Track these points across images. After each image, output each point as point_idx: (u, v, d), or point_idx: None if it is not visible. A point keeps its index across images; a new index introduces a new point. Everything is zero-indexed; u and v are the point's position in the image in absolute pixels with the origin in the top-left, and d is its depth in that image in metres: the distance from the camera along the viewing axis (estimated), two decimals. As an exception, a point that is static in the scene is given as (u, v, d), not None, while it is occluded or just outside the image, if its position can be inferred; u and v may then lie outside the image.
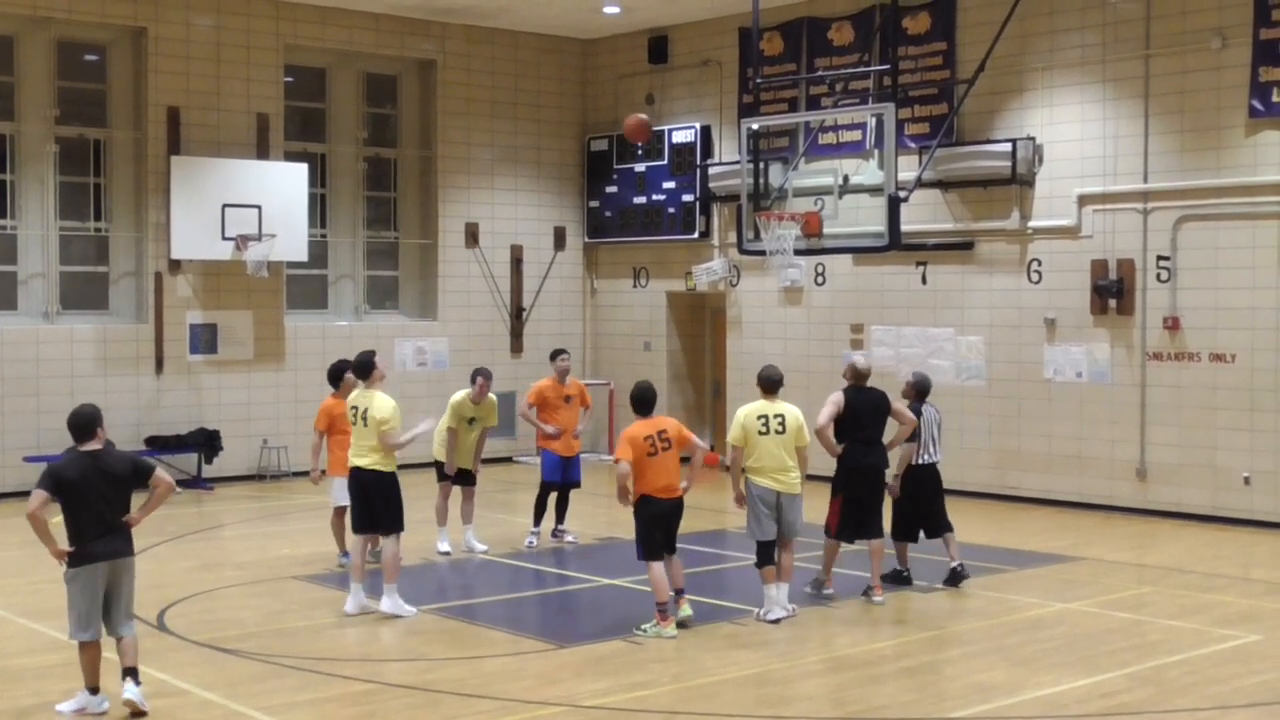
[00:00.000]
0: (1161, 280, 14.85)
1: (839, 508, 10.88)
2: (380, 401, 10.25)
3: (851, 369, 11.11)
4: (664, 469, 9.86)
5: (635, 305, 20.12)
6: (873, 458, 10.90)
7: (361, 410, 10.30)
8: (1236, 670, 8.89)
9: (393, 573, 10.24)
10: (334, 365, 12.15)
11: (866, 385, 11.05)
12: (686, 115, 19.29)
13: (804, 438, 10.23)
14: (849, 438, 10.79)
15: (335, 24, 18.41)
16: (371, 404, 10.26)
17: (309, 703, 8.19)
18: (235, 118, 17.57)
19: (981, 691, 8.41)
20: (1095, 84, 15.39)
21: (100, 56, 17.38)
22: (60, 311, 16.88)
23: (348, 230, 19.09)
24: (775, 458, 10.08)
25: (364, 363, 10.58)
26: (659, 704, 8.13)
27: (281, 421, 17.90)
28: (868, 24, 17.08)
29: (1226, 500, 14.47)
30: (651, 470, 9.81)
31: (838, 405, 10.80)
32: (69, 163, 17.04)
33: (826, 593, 10.88)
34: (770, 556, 10.13)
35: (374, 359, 10.60)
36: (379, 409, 10.20)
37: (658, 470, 9.83)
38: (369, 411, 10.23)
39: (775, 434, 10.11)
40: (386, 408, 10.21)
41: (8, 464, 16.10)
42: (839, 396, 10.86)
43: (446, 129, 19.40)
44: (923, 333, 16.80)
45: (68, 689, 8.11)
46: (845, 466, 10.85)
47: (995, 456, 16.22)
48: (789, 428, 10.14)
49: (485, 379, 12.58)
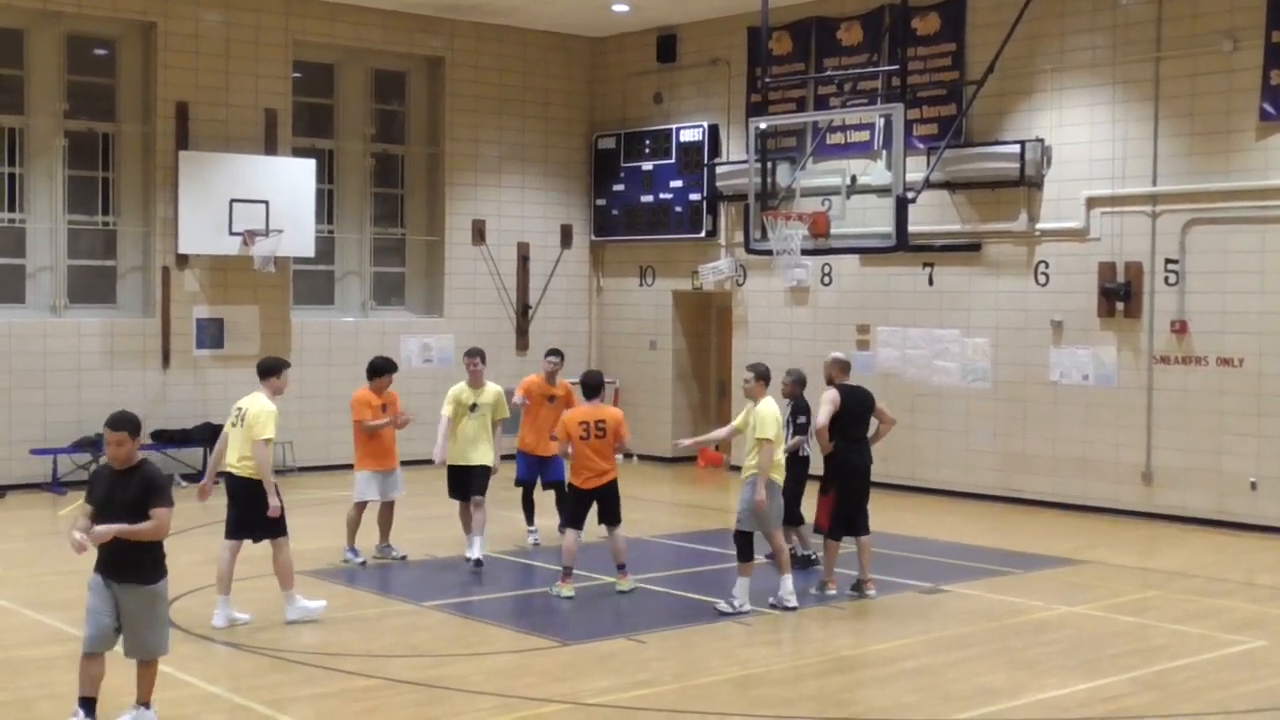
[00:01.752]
0: (1169, 284, 14.82)
1: (831, 505, 10.93)
2: (263, 405, 9.88)
3: (839, 365, 11.13)
4: (589, 457, 10.46)
5: (641, 304, 20.12)
6: (861, 455, 10.98)
7: (242, 413, 9.90)
8: (1241, 676, 8.87)
9: (288, 579, 9.93)
10: (375, 361, 12.13)
11: (851, 383, 11.12)
12: (694, 114, 19.28)
13: (764, 430, 10.26)
14: (839, 436, 10.87)
15: (344, 20, 18.42)
16: (250, 406, 9.89)
17: (312, 697, 8.19)
18: (244, 113, 17.58)
19: (984, 694, 8.40)
20: (1105, 86, 15.36)
21: (110, 51, 17.40)
22: (68, 305, 16.91)
23: (355, 226, 19.10)
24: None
25: (266, 367, 10.28)
26: (661, 702, 8.12)
27: (287, 416, 17.68)
28: (877, 24, 17.06)
29: (1232, 505, 14.43)
30: (579, 457, 10.49)
31: (835, 404, 10.84)
32: (78, 157, 17.07)
33: (829, 594, 10.88)
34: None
35: (280, 365, 10.30)
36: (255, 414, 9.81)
37: (583, 458, 10.46)
38: (246, 413, 9.84)
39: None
40: (264, 410, 9.82)
41: (15, 456, 16.13)
42: (835, 394, 10.91)
43: (454, 126, 19.41)
44: (929, 334, 16.78)
45: (70, 680, 8.11)
46: (835, 464, 10.93)
47: (1000, 459, 16.19)
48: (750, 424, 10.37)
49: (470, 359, 12.23)
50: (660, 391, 19.88)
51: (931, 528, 14.18)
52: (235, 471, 9.92)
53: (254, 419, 9.80)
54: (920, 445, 16.66)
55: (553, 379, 12.99)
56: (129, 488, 7.22)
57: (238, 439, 9.91)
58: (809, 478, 11.88)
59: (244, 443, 9.85)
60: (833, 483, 10.96)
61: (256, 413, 9.83)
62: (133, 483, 7.24)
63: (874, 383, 14.24)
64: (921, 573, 11.75)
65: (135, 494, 7.21)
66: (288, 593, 9.95)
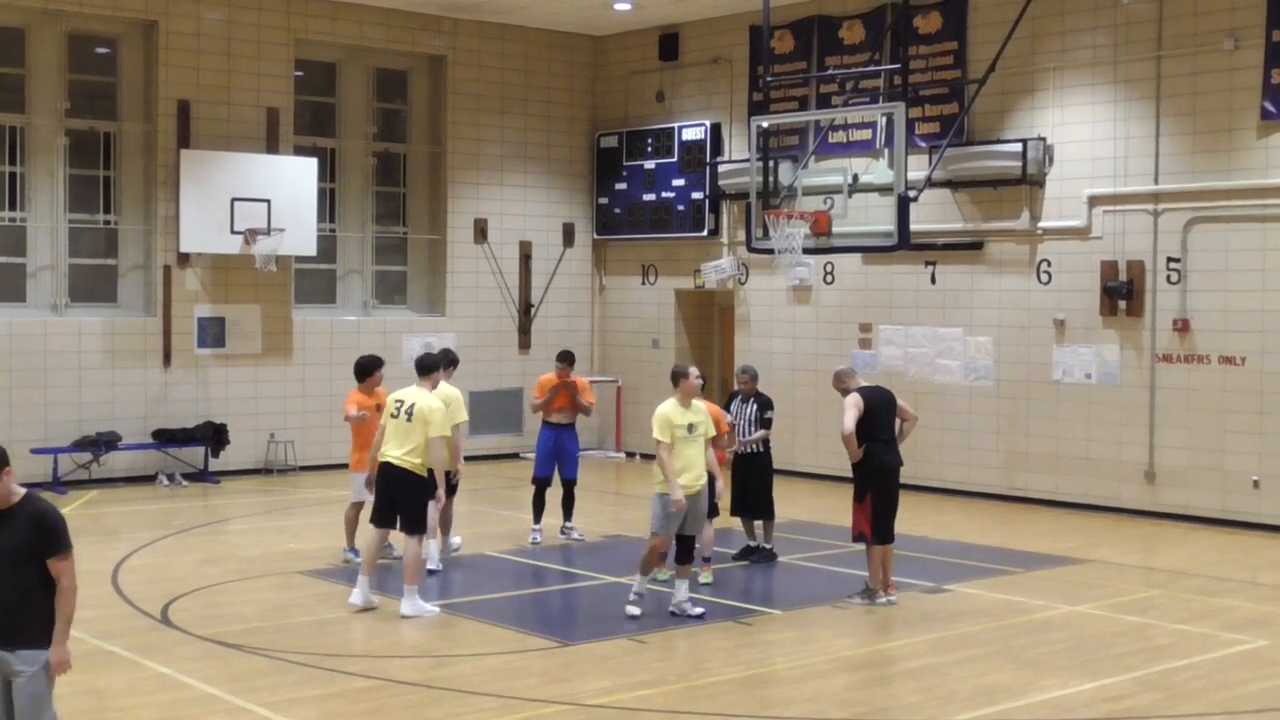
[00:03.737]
0: (1172, 282, 14.79)
1: (869, 510, 10.56)
2: (432, 401, 10.28)
3: (845, 374, 10.94)
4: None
5: (644, 303, 20.10)
6: (894, 456, 10.72)
7: (407, 406, 10.23)
8: (1244, 675, 8.85)
9: (413, 574, 10.17)
10: (361, 361, 12.15)
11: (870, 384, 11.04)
12: (696, 113, 19.26)
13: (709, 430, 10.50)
14: (869, 439, 10.54)
15: (346, 19, 18.41)
16: (419, 401, 10.23)
17: (312, 699, 8.18)
18: (245, 112, 17.57)
19: (987, 694, 8.38)
20: (1106, 84, 15.33)
21: (111, 49, 17.38)
22: (69, 304, 16.89)
23: (356, 225, 19.08)
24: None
25: (425, 363, 10.78)
26: (663, 703, 8.10)
27: (289, 416, 17.91)
28: (879, 23, 17.04)
29: (1235, 503, 14.41)
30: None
31: (859, 407, 10.54)
32: (79, 155, 17.05)
33: (891, 599, 10.64)
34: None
35: (442, 359, 11.02)
36: (429, 407, 10.18)
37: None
38: (416, 408, 10.17)
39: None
40: (438, 407, 10.23)
41: (15, 456, 15.88)
42: (857, 398, 10.61)
43: (456, 125, 19.39)
44: (931, 333, 16.76)
45: (70, 681, 8.09)
46: (871, 467, 10.59)
47: (1003, 457, 16.17)
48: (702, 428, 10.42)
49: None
50: (663, 390, 19.73)
51: (934, 527, 14.16)
52: (395, 462, 10.16)
53: (427, 414, 10.10)
54: (923, 444, 16.61)
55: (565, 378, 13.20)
56: (15, 532, 5.78)
57: (403, 431, 10.14)
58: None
59: (410, 436, 10.11)
60: (869, 487, 10.58)
61: (429, 409, 10.13)
62: (19, 525, 5.80)
63: (876, 381, 14.19)
64: (924, 572, 11.73)
65: (25, 539, 5.77)
66: (409, 588, 10.12)
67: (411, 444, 10.11)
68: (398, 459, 10.14)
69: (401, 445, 10.14)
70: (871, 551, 10.68)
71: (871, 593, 10.67)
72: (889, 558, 10.78)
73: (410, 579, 10.13)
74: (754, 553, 12.26)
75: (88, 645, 9.17)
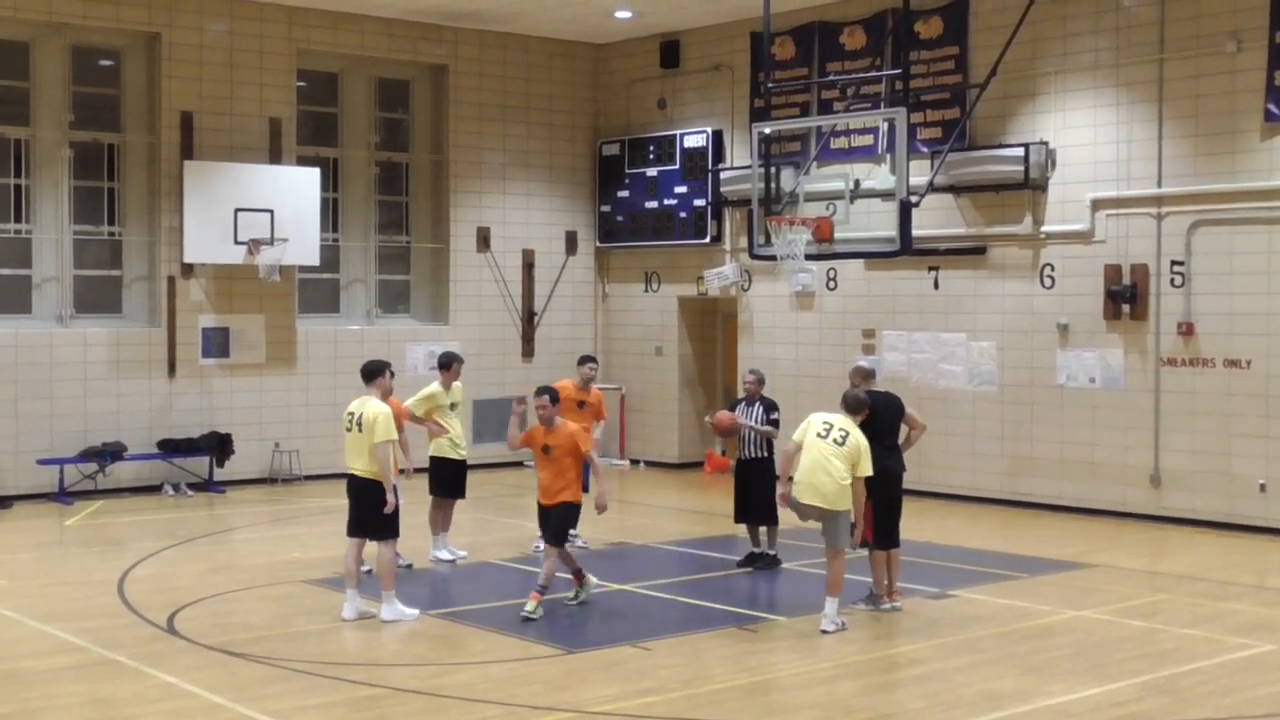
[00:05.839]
0: (1175, 285, 14.78)
1: (872, 514, 10.50)
2: (376, 408, 10.24)
3: (860, 373, 11.00)
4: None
5: (647, 310, 20.10)
6: (896, 461, 10.73)
7: (357, 417, 10.28)
8: (1251, 680, 8.82)
9: (388, 580, 10.25)
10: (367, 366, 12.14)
11: (877, 388, 11.00)
12: (698, 120, 19.28)
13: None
14: (871, 443, 10.38)
15: (347, 29, 18.44)
16: (365, 410, 10.25)
17: (316, 707, 8.18)
18: (248, 122, 17.61)
19: (992, 699, 8.36)
20: (1109, 88, 15.32)
21: (115, 62, 17.43)
22: (74, 315, 16.92)
23: (359, 234, 19.11)
24: None
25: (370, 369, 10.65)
26: (667, 710, 8.10)
27: (293, 425, 17.92)
28: (880, 28, 17.05)
29: (1241, 507, 14.38)
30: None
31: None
32: (83, 167, 17.09)
33: (896, 605, 10.63)
34: None
35: (384, 366, 10.72)
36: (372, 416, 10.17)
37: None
38: (363, 418, 10.20)
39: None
40: (381, 413, 10.19)
41: (22, 467, 16.14)
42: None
43: (458, 133, 19.42)
44: (934, 338, 16.75)
45: (76, 691, 8.12)
46: (873, 472, 10.52)
47: (1007, 462, 16.15)
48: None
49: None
50: (666, 397, 19.86)
51: (938, 532, 14.14)
52: (357, 474, 10.28)
53: (370, 423, 10.12)
54: (927, 450, 16.54)
55: (587, 385, 13.03)
56: None
57: (357, 443, 10.24)
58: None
59: (362, 446, 10.19)
60: (871, 492, 10.46)
61: (371, 417, 10.15)
62: None
63: (879, 387, 14.18)
64: (928, 577, 11.71)
65: None
66: (387, 594, 10.19)
67: (366, 454, 10.23)
68: (359, 471, 10.31)
69: (359, 456, 10.30)
70: (874, 557, 10.68)
71: (875, 598, 10.66)
72: (894, 563, 10.76)
73: (386, 585, 10.24)
74: (758, 559, 12.26)
75: (94, 654, 9.20)
